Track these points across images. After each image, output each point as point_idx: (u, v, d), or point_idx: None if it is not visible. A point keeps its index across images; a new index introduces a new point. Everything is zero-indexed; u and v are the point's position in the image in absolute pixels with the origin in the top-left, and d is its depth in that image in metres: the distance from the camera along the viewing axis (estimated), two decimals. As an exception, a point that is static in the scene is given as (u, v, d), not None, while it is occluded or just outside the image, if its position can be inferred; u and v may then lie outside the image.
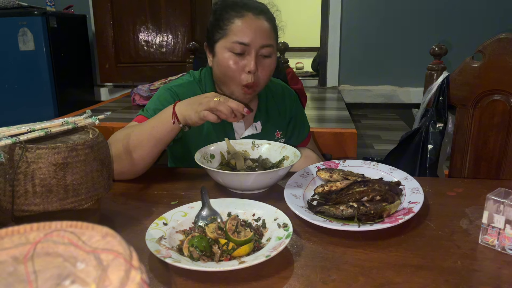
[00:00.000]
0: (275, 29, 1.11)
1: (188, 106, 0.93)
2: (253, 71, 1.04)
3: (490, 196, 0.69)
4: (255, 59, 1.04)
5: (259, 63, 1.06)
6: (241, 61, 1.04)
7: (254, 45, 1.03)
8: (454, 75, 1.33)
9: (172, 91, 1.11)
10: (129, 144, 0.95)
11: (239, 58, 1.04)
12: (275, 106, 1.24)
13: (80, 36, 3.41)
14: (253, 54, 1.03)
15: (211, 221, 0.75)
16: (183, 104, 0.94)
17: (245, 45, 1.03)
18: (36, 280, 0.27)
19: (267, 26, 1.05)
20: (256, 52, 1.04)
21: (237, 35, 1.03)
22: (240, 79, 1.05)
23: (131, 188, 0.97)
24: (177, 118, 0.93)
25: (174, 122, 0.93)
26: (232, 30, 1.03)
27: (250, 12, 1.04)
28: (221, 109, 0.88)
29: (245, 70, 1.04)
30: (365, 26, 3.22)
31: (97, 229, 0.32)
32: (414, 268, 0.64)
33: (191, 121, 0.92)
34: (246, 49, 1.03)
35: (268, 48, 1.05)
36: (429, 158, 1.36)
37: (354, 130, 1.82)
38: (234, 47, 1.03)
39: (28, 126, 0.71)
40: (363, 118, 3.16)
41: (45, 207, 0.66)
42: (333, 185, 0.88)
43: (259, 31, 1.03)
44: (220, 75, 1.09)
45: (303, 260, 0.66)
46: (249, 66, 1.03)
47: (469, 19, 3.07)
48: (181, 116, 0.93)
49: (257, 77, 1.06)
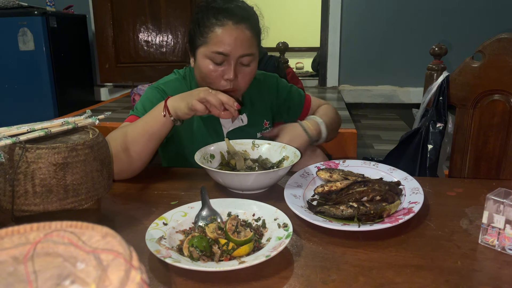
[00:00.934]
0: (257, 35, 1.10)
1: (179, 98, 0.95)
2: (231, 79, 1.05)
3: (490, 196, 0.69)
4: (234, 68, 1.05)
5: (238, 71, 1.07)
6: (220, 68, 1.05)
7: (234, 55, 1.04)
8: (454, 75, 1.33)
9: (160, 88, 1.13)
10: (125, 141, 0.96)
11: (219, 66, 1.05)
12: (258, 96, 1.25)
13: (80, 36, 3.41)
14: (232, 63, 1.04)
15: (211, 221, 0.75)
16: (175, 97, 0.96)
17: (225, 55, 1.03)
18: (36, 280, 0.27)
19: (247, 35, 1.05)
20: (236, 61, 1.05)
21: (217, 45, 1.03)
22: (219, 85, 1.07)
23: (131, 188, 0.97)
24: (169, 112, 0.94)
25: (165, 115, 0.94)
26: (212, 39, 1.03)
27: (231, 20, 1.03)
28: (210, 99, 0.89)
29: (224, 77, 1.06)
30: (365, 26, 3.22)
31: (97, 229, 0.32)
32: (414, 268, 0.64)
33: (181, 113, 0.93)
34: (226, 59, 1.04)
35: (248, 57, 1.06)
36: (429, 158, 1.36)
37: (354, 130, 1.82)
38: (213, 56, 1.04)
39: (28, 126, 0.71)
40: (363, 118, 3.16)
41: (45, 207, 0.66)
42: (333, 185, 0.88)
43: (239, 40, 1.03)
44: (200, 80, 1.11)
45: (303, 260, 0.66)
46: (228, 75, 1.05)
47: (469, 19, 3.07)
48: (172, 108, 0.94)
49: (236, 84, 1.08)
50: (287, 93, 1.29)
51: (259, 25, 1.12)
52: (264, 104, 1.26)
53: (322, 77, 3.41)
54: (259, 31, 1.12)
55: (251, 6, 1.12)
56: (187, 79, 1.18)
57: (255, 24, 1.09)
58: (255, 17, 1.11)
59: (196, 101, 0.90)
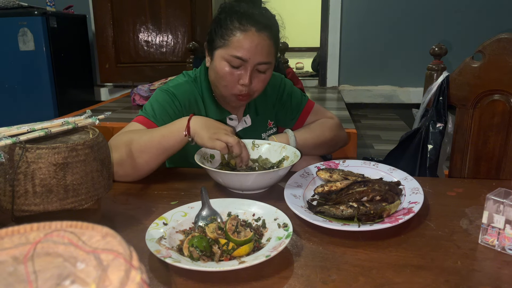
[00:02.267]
0: (276, 44, 1.10)
1: (203, 126, 0.95)
2: (247, 85, 1.05)
3: (490, 196, 0.69)
4: (250, 74, 1.05)
5: (254, 77, 1.07)
6: (237, 72, 1.05)
7: (252, 62, 1.04)
8: (454, 75, 1.33)
9: (170, 92, 1.12)
10: (134, 149, 0.96)
11: (235, 69, 1.05)
12: (263, 96, 1.25)
13: (80, 36, 3.41)
14: (249, 69, 1.04)
15: (211, 221, 0.75)
16: (198, 121, 0.96)
17: (243, 61, 1.03)
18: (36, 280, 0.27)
19: (268, 43, 1.05)
20: (253, 68, 1.05)
21: (237, 49, 1.03)
22: (234, 89, 1.07)
23: (131, 188, 0.97)
24: (189, 132, 0.95)
25: (186, 135, 0.95)
26: (233, 43, 1.03)
27: (254, 27, 1.03)
28: (235, 151, 0.93)
29: (240, 82, 1.06)
30: (365, 26, 3.22)
31: (97, 229, 0.32)
32: (414, 268, 0.64)
33: (200, 141, 0.94)
34: (243, 64, 1.04)
35: (265, 65, 1.06)
36: (429, 158, 1.36)
37: (354, 130, 1.82)
38: (232, 60, 1.04)
39: (28, 126, 0.71)
40: (363, 118, 3.16)
41: (45, 207, 0.66)
42: (333, 185, 0.88)
43: (259, 48, 1.03)
44: (215, 80, 1.11)
45: (303, 260, 0.66)
46: (244, 80, 1.05)
47: (469, 19, 3.07)
48: (193, 131, 0.95)
49: (251, 89, 1.08)
50: (288, 94, 1.28)
51: (279, 34, 1.12)
52: (267, 104, 1.26)
53: (322, 77, 3.41)
54: (278, 41, 1.12)
55: (274, 15, 1.12)
56: (198, 82, 1.17)
57: (276, 33, 1.10)
58: (276, 26, 1.10)
59: (222, 144, 0.92)
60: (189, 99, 1.13)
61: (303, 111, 1.28)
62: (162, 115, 1.07)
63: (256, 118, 1.23)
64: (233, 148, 0.92)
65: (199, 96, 1.15)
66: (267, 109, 1.26)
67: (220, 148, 0.92)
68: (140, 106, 2.46)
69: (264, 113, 1.25)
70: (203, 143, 0.93)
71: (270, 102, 1.27)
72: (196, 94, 1.15)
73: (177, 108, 1.10)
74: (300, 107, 1.28)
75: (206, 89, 1.16)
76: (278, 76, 1.29)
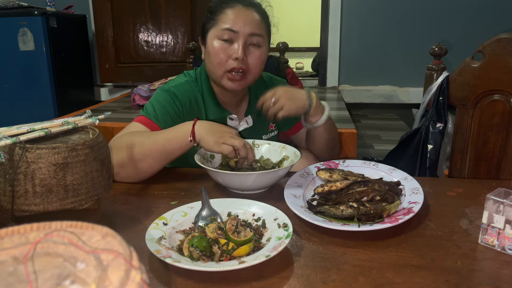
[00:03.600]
0: (266, 22, 1.13)
1: (209, 131, 0.95)
2: (240, 58, 1.05)
3: (490, 196, 0.69)
4: (243, 47, 1.06)
5: (248, 52, 1.07)
6: (229, 48, 1.06)
7: (243, 33, 1.05)
8: (454, 75, 1.33)
9: (170, 91, 1.12)
10: (138, 152, 0.96)
11: (228, 45, 1.06)
12: None
13: (80, 36, 3.41)
14: (241, 42, 1.05)
15: (211, 221, 0.75)
16: (203, 126, 0.96)
17: (234, 32, 1.05)
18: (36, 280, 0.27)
19: (256, 17, 1.08)
20: (245, 40, 1.06)
21: (226, 22, 1.05)
22: (227, 65, 1.07)
23: (131, 188, 0.97)
24: (194, 137, 0.95)
25: (191, 141, 0.95)
26: (222, 19, 1.06)
27: (240, 3, 1.08)
28: (242, 154, 0.92)
29: (232, 56, 1.06)
30: (365, 26, 3.22)
31: (97, 229, 0.32)
32: (414, 268, 0.64)
33: (206, 146, 0.94)
34: (235, 37, 1.05)
35: (257, 37, 1.07)
36: (429, 158, 1.36)
37: (354, 130, 1.82)
38: (223, 34, 1.05)
39: (28, 126, 0.71)
40: (363, 118, 3.16)
41: (45, 207, 0.66)
42: (333, 185, 0.88)
43: (248, 20, 1.06)
44: (209, 64, 1.11)
45: (303, 260, 0.66)
46: (236, 53, 1.05)
47: (469, 19, 3.07)
48: (199, 136, 0.95)
49: (246, 65, 1.07)
50: None
51: (268, 18, 1.14)
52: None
53: (322, 77, 3.41)
54: (269, 23, 1.14)
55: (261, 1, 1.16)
56: (198, 81, 1.18)
57: (264, 13, 1.12)
58: (263, 8, 1.14)
59: (229, 148, 0.91)
60: (190, 99, 1.13)
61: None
62: (163, 115, 1.07)
63: (258, 119, 1.23)
64: (240, 151, 0.92)
65: (199, 95, 1.15)
66: None
67: (227, 152, 0.91)
68: (140, 106, 2.46)
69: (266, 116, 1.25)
70: (210, 148, 0.93)
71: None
72: (196, 93, 1.15)
73: (178, 108, 1.10)
74: None
75: (206, 88, 1.16)
76: (281, 81, 1.31)
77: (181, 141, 0.96)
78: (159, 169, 1.00)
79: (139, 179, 1.00)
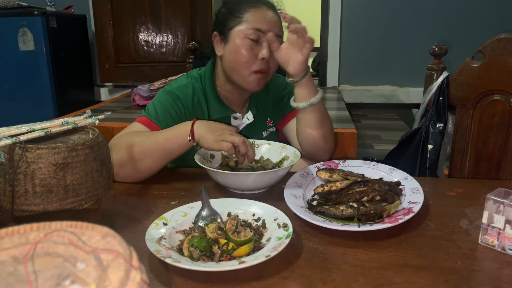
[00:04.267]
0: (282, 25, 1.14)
1: (208, 130, 0.95)
2: (267, 58, 1.06)
3: (490, 196, 0.69)
4: (269, 47, 1.06)
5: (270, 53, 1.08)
6: (256, 47, 1.07)
7: (270, 34, 1.05)
8: (454, 75, 1.33)
9: (173, 93, 1.12)
10: (137, 152, 0.96)
11: (254, 44, 1.07)
12: (264, 94, 1.25)
13: (80, 36, 3.41)
14: (267, 42, 1.06)
15: (211, 221, 0.75)
16: (202, 125, 0.96)
17: (262, 32, 1.06)
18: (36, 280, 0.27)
19: (278, 19, 1.10)
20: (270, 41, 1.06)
21: (254, 22, 1.06)
22: (253, 65, 1.07)
23: (131, 188, 0.97)
24: (193, 137, 0.95)
25: (190, 140, 0.95)
26: (248, 18, 1.07)
27: (264, 5, 1.09)
28: (241, 149, 0.92)
29: (259, 57, 1.07)
30: (365, 26, 3.22)
31: (97, 229, 0.32)
32: (414, 268, 0.64)
33: (206, 144, 0.94)
34: (261, 37, 1.06)
35: (280, 39, 1.08)
36: (429, 158, 1.36)
37: (354, 130, 1.82)
38: (250, 33, 1.06)
39: (28, 126, 0.71)
40: (363, 118, 3.16)
41: (45, 207, 0.66)
42: (333, 185, 0.88)
43: (273, 21, 1.08)
44: (232, 62, 1.09)
45: (303, 260, 0.66)
46: (263, 53, 1.06)
47: (469, 19, 3.07)
48: (198, 135, 0.95)
49: (268, 65, 1.09)
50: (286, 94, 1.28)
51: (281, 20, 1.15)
52: (268, 102, 1.26)
53: (322, 77, 3.41)
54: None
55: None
56: (202, 80, 1.17)
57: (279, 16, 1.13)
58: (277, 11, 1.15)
59: (229, 145, 0.91)
60: (192, 101, 1.13)
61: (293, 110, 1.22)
62: (165, 117, 1.08)
63: (257, 114, 1.23)
64: (239, 147, 0.92)
65: (202, 96, 1.15)
66: (267, 107, 1.26)
67: (227, 149, 0.92)
68: (140, 106, 2.46)
69: (264, 111, 1.25)
70: (210, 147, 0.93)
71: (271, 100, 1.27)
72: (199, 94, 1.15)
73: (179, 109, 1.10)
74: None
75: (210, 88, 1.16)
76: (282, 78, 1.30)
77: (180, 141, 0.96)
78: (158, 169, 1.00)
79: (138, 179, 1.00)
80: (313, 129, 1.08)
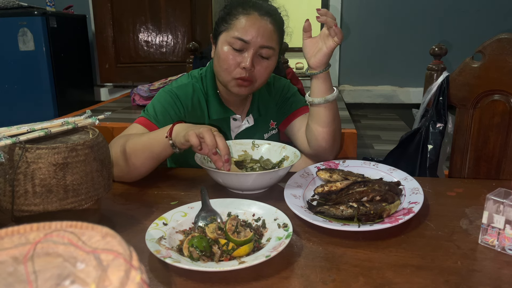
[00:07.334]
0: (280, 32, 1.11)
1: (184, 126, 0.91)
2: (248, 68, 1.04)
3: (490, 196, 0.69)
4: (252, 57, 1.04)
5: (256, 62, 1.06)
6: (239, 56, 1.05)
7: (254, 44, 1.04)
8: (454, 75, 1.33)
9: (173, 92, 1.11)
10: (127, 152, 0.95)
11: (237, 53, 1.05)
12: (267, 97, 1.24)
13: (80, 36, 3.41)
14: (251, 52, 1.04)
15: (211, 221, 0.75)
16: (181, 125, 0.93)
17: (245, 42, 1.04)
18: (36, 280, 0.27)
19: (270, 28, 1.06)
20: (255, 51, 1.04)
21: (239, 31, 1.04)
22: (234, 72, 1.06)
23: (131, 188, 0.97)
24: (170, 135, 0.92)
25: (167, 137, 0.92)
26: (235, 26, 1.05)
27: (257, 12, 1.05)
28: (206, 137, 0.84)
29: (240, 65, 1.05)
30: (365, 26, 3.22)
31: (97, 229, 0.32)
32: (414, 268, 0.64)
33: (178, 140, 0.90)
34: (245, 46, 1.04)
35: (268, 50, 1.06)
36: (429, 158, 1.36)
37: (354, 130, 1.82)
38: (234, 42, 1.04)
39: (28, 126, 0.71)
40: (363, 118, 3.16)
41: (45, 207, 0.66)
42: (333, 185, 0.88)
43: (261, 31, 1.04)
44: (216, 65, 1.11)
45: (303, 260, 0.66)
46: (245, 63, 1.04)
47: (469, 19, 3.07)
48: (175, 133, 0.91)
49: (252, 75, 1.06)
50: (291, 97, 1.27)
51: (283, 26, 1.12)
52: (270, 105, 1.26)
53: (322, 77, 3.40)
54: (283, 32, 1.13)
55: (278, 7, 1.14)
56: (204, 81, 1.17)
57: (280, 22, 1.10)
58: (280, 16, 1.12)
59: (192, 133, 0.86)
60: (192, 101, 1.13)
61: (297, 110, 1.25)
62: (164, 117, 1.07)
63: (259, 118, 1.23)
64: (203, 135, 0.85)
65: (202, 95, 1.15)
66: (269, 110, 1.25)
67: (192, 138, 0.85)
68: (140, 106, 2.46)
69: (267, 114, 1.25)
70: (179, 140, 0.89)
71: (273, 103, 1.26)
72: (199, 94, 1.15)
73: (178, 109, 1.10)
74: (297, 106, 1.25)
75: (211, 87, 1.15)
76: (284, 80, 1.30)
77: (161, 140, 0.93)
78: (146, 169, 0.98)
79: (132, 178, 0.99)
80: (324, 127, 1.08)
